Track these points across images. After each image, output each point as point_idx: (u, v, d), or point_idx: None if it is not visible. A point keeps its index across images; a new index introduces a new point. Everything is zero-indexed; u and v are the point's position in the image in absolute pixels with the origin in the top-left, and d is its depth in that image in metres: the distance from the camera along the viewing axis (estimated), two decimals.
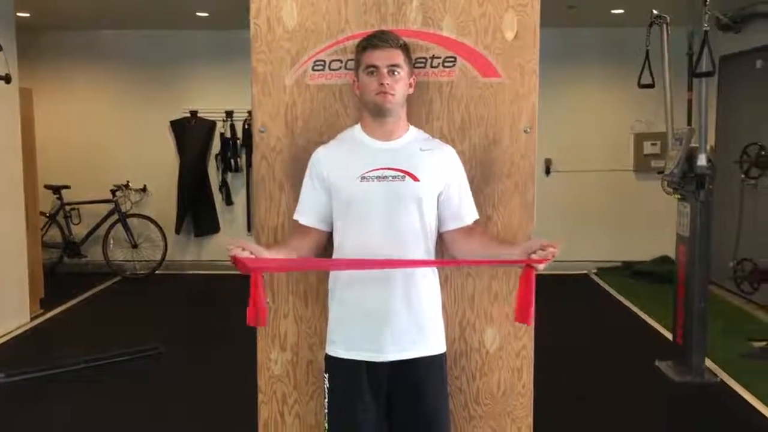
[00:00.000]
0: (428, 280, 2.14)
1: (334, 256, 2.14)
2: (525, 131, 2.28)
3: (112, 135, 7.33)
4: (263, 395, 2.37)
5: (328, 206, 2.13)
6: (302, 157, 2.22)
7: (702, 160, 4.06)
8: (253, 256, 1.91)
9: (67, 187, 7.08)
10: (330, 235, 2.16)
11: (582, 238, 7.39)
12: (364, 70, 2.07)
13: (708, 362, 4.41)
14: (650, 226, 6.85)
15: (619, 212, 7.34)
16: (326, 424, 2.18)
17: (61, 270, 7.03)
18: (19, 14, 5.62)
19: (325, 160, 2.13)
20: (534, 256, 1.98)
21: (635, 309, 5.91)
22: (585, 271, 7.32)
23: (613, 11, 6.27)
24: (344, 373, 2.13)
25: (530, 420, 2.37)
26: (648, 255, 6.99)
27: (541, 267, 2.00)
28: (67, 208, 7.15)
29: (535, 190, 2.32)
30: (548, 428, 3.07)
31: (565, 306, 6.05)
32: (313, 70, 2.26)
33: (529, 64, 2.26)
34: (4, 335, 5.12)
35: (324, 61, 2.25)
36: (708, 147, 4.13)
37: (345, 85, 2.24)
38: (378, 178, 2.06)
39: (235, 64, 7.14)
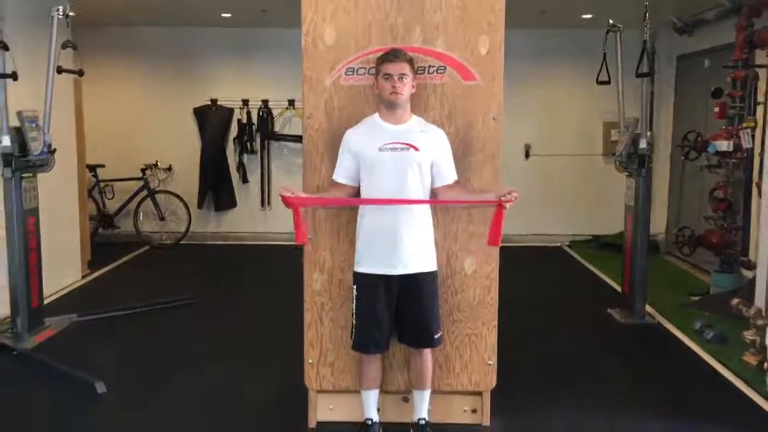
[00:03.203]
0: (425, 220, 3.10)
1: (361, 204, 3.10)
2: (494, 119, 3.24)
3: (143, 120, 8.18)
4: (308, 305, 3.33)
5: (355, 170, 3.08)
6: (337, 136, 3.16)
7: (643, 144, 5.01)
8: (293, 196, 2.94)
9: (102, 166, 7.92)
10: (354, 189, 3.11)
11: (557, 214, 8.38)
12: (382, 76, 3.02)
13: (651, 310, 5.40)
14: (616, 204, 7.70)
15: (589, 192, 8.25)
16: (354, 321, 3.15)
17: (96, 240, 7.89)
18: None
19: (354, 138, 3.09)
20: (503, 199, 2.95)
21: (597, 272, 6.92)
22: (559, 244, 8.29)
23: (582, 16, 7.20)
24: (367, 284, 3.10)
25: (495, 323, 3.34)
26: (614, 229, 7.87)
27: (508, 206, 2.97)
28: (102, 184, 8.00)
29: (501, 161, 3.28)
30: (519, 358, 4.15)
31: (540, 272, 7.10)
32: (346, 74, 3.20)
33: (497, 71, 3.21)
34: (64, 288, 6.06)
35: (353, 68, 3.20)
36: (648, 133, 5.08)
37: (368, 86, 3.18)
38: (391, 149, 3.02)
39: (252, 58, 8.20)
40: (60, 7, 4.84)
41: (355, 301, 3.14)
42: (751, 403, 3.80)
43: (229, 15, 7.35)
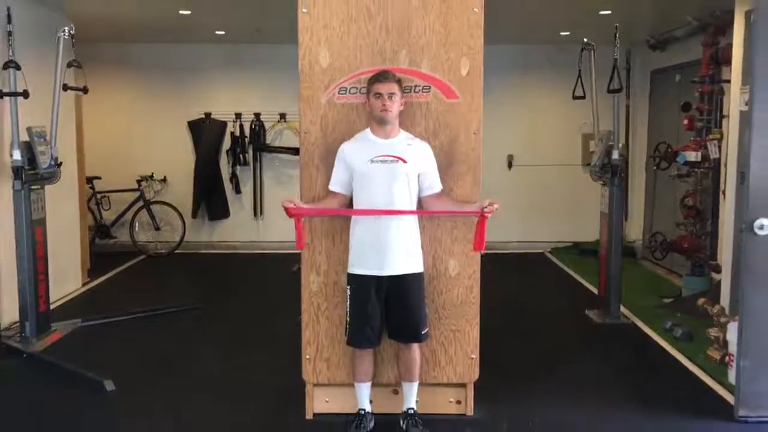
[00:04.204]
0: (413, 227, 3.40)
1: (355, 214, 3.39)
2: (474, 133, 3.55)
3: (138, 133, 8.46)
4: (305, 305, 3.61)
5: (348, 180, 3.39)
6: (332, 150, 3.46)
7: (615, 155, 5.35)
8: (294, 206, 3.24)
9: (98, 177, 8.15)
10: (348, 198, 3.41)
11: (539, 222, 8.72)
12: (373, 95, 3.32)
13: (626, 311, 5.73)
14: (595, 212, 8.10)
15: (570, 200, 8.58)
16: (348, 318, 3.44)
17: (93, 249, 8.11)
18: None
19: (348, 151, 3.39)
20: (485, 210, 3.28)
21: (576, 276, 7.25)
22: (541, 251, 8.62)
23: (561, 33, 7.57)
24: (360, 284, 3.39)
25: (477, 320, 3.64)
26: (594, 236, 8.13)
27: (489, 216, 3.31)
28: (99, 195, 8.23)
29: (481, 171, 3.58)
30: (503, 354, 4.47)
31: (523, 276, 7.44)
32: (339, 93, 3.51)
33: (477, 90, 3.53)
34: (66, 295, 6.31)
35: (346, 88, 3.50)
36: (620, 145, 5.42)
37: (359, 104, 3.49)
38: (381, 161, 3.32)
39: (244, 73, 8.50)
40: (66, 28, 5.12)
41: (349, 300, 3.43)
42: (713, 393, 4.11)
43: (222, 32, 7.65)
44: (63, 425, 3.77)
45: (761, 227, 3.52)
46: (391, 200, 3.31)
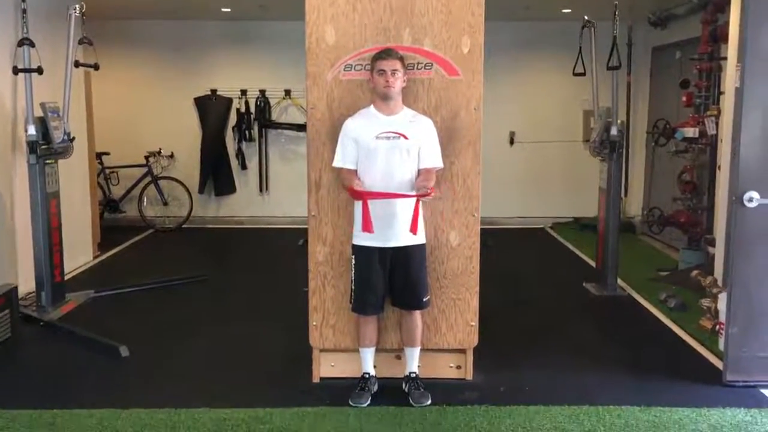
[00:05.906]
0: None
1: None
2: (474, 109, 3.68)
3: (146, 110, 8.58)
4: (312, 273, 3.77)
5: (357, 154, 3.52)
6: (337, 125, 3.59)
7: (614, 131, 5.47)
8: (363, 189, 3.35)
9: (107, 153, 8.31)
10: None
11: (540, 198, 8.85)
12: (377, 72, 3.45)
13: (623, 283, 5.88)
14: (596, 188, 8.23)
15: (570, 176, 8.70)
16: (352, 287, 3.60)
17: (102, 224, 8.27)
18: None
19: (353, 126, 3.52)
20: (419, 193, 3.38)
21: (576, 251, 7.40)
22: (542, 226, 8.77)
23: (563, 10, 7.64)
24: (364, 255, 3.54)
25: (477, 289, 3.79)
26: (594, 211, 8.32)
27: (425, 199, 3.40)
28: (108, 171, 8.40)
29: (481, 146, 3.72)
30: (502, 324, 4.62)
31: (523, 250, 7.59)
32: (344, 70, 3.63)
33: (477, 67, 3.65)
34: (78, 267, 6.49)
35: (351, 65, 3.63)
36: (619, 121, 5.54)
37: (364, 80, 3.61)
38: (385, 137, 3.46)
39: (249, 50, 8.60)
40: (77, 5, 5.24)
41: (353, 269, 3.59)
42: (703, 360, 4.27)
43: (228, 9, 7.74)
44: (81, 388, 3.94)
45: (750, 200, 3.66)
46: (393, 175, 3.45)
